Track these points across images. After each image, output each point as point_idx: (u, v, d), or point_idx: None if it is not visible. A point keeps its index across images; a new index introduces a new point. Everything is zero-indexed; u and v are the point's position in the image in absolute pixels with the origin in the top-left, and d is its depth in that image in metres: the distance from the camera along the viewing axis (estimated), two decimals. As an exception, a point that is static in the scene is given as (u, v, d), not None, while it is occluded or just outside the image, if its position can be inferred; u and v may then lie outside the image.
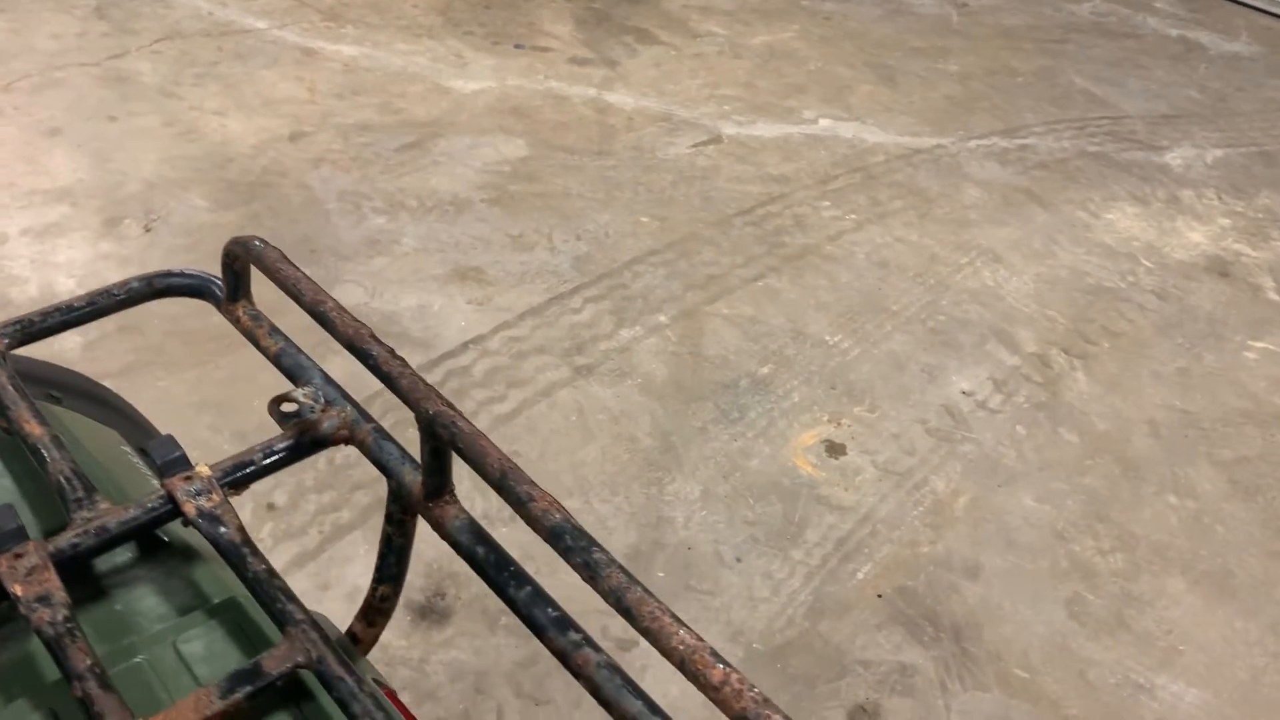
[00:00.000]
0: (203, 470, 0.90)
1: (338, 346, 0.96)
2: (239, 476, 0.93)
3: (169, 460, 0.91)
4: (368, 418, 1.02)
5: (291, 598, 0.82)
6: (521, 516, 0.82)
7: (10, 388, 0.96)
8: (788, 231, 3.59)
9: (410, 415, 0.88)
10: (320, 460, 2.45)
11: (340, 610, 2.12)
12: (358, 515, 2.35)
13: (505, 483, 0.82)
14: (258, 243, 1.07)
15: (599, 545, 0.79)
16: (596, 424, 2.69)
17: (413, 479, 0.95)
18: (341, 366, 1.16)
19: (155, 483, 1.04)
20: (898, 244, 3.58)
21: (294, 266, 1.04)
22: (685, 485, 2.55)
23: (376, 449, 0.98)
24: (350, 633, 1.13)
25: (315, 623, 0.81)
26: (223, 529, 0.86)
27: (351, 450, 1.20)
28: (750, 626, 2.24)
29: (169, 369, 2.66)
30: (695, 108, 4.31)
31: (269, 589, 0.82)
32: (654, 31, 4.96)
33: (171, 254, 3.07)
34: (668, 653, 0.73)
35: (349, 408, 1.02)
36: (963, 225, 3.71)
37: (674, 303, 3.17)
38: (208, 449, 2.40)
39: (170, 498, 0.87)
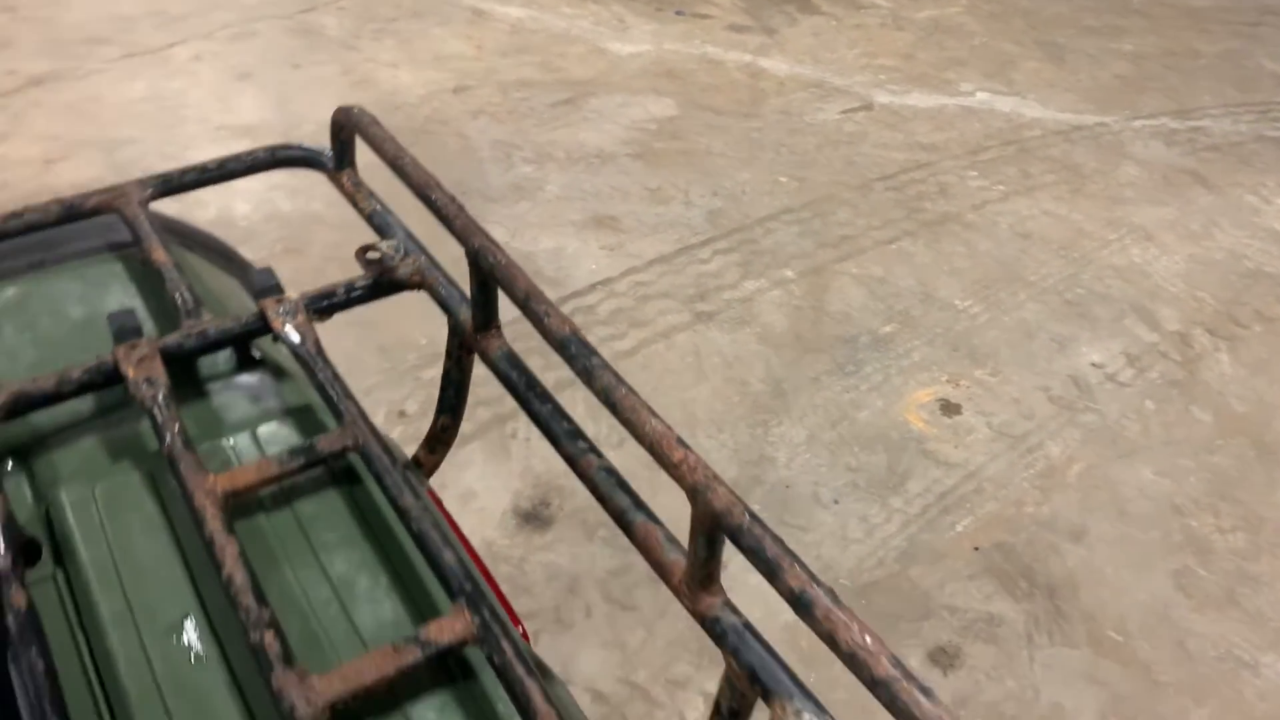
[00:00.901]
0: (292, 297, 1.04)
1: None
2: (323, 305, 1.06)
3: (265, 286, 1.06)
4: (437, 267, 1.13)
5: (351, 399, 0.95)
6: (538, 330, 0.92)
7: (146, 224, 1.13)
8: (929, 198, 3.56)
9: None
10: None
11: (456, 509, 2.29)
12: (478, 428, 2.50)
13: (529, 303, 0.92)
14: (357, 110, 1.21)
15: (598, 354, 0.88)
16: (710, 366, 2.76)
17: (467, 316, 1.06)
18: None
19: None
20: (1044, 217, 3.50)
21: (383, 129, 1.17)
22: (791, 429, 2.60)
23: (443, 292, 1.09)
24: (415, 458, 1.26)
25: (365, 416, 0.93)
26: (303, 343, 1.00)
27: (480, 371, 1.33)
28: (839, 564, 2.27)
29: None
30: (849, 76, 4.31)
31: (336, 395, 0.94)
32: (816, 2, 4.97)
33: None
34: (640, 438, 0.81)
35: (423, 258, 1.14)
36: (1116, 202, 3.59)
37: (803, 259, 3.20)
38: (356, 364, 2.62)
39: (263, 315, 1.01)
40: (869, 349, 2.88)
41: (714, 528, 0.74)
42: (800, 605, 0.69)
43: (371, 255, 1.12)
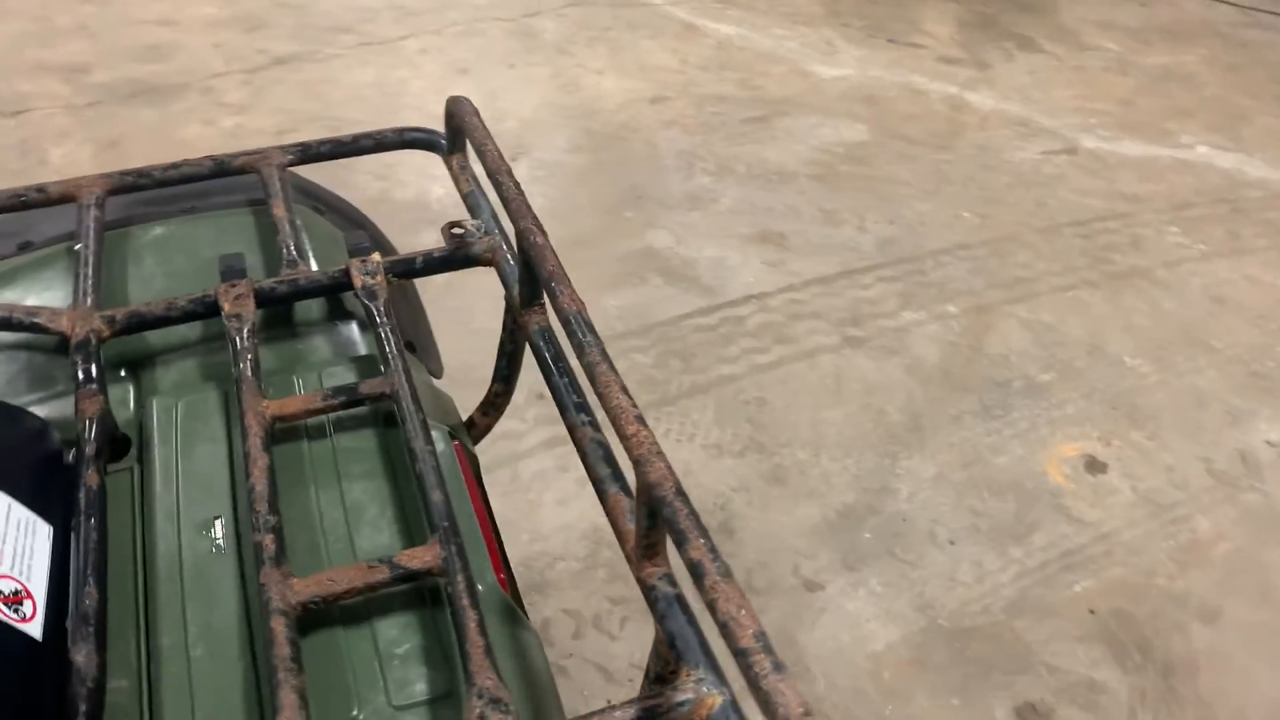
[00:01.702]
0: (375, 258, 1.16)
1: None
2: (401, 269, 1.18)
3: (355, 247, 1.19)
4: (510, 249, 1.23)
5: (402, 355, 1.05)
6: (552, 305, 1.00)
7: (277, 184, 1.28)
8: (1120, 250, 3.40)
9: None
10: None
11: (573, 494, 2.40)
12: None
13: (551, 281, 1.00)
14: (464, 100, 1.33)
15: (594, 333, 0.95)
16: (850, 391, 2.76)
17: (517, 293, 1.15)
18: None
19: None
20: (1244, 282, 3.28)
21: (480, 120, 1.28)
22: (920, 464, 2.56)
23: (506, 270, 1.19)
24: (470, 420, 1.36)
25: (409, 371, 1.04)
26: (376, 301, 1.12)
27: (617, 356, 1.42)
28: (942, 603, 2.23)
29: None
30: (1058, 117, 4.16)
31: (390, 348, 1.05)
32: (1039, 40, 4.81)
33: (525, 181, 3.50)
34: (607, 409, 0.88)
35: (499, 239, 1.24)
36: (1334, 274, 3.32)
37: (969, 296, 3.13)
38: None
39: (347, 272, 1.14)
40: (1021, 395, 2.79)
41: (650, 498, 0.79)
42: (695, 573, 0.74)
43: (456, 231, 1.23)
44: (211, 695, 0.81)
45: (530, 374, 2.72)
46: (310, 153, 1.37)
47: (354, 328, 1.21)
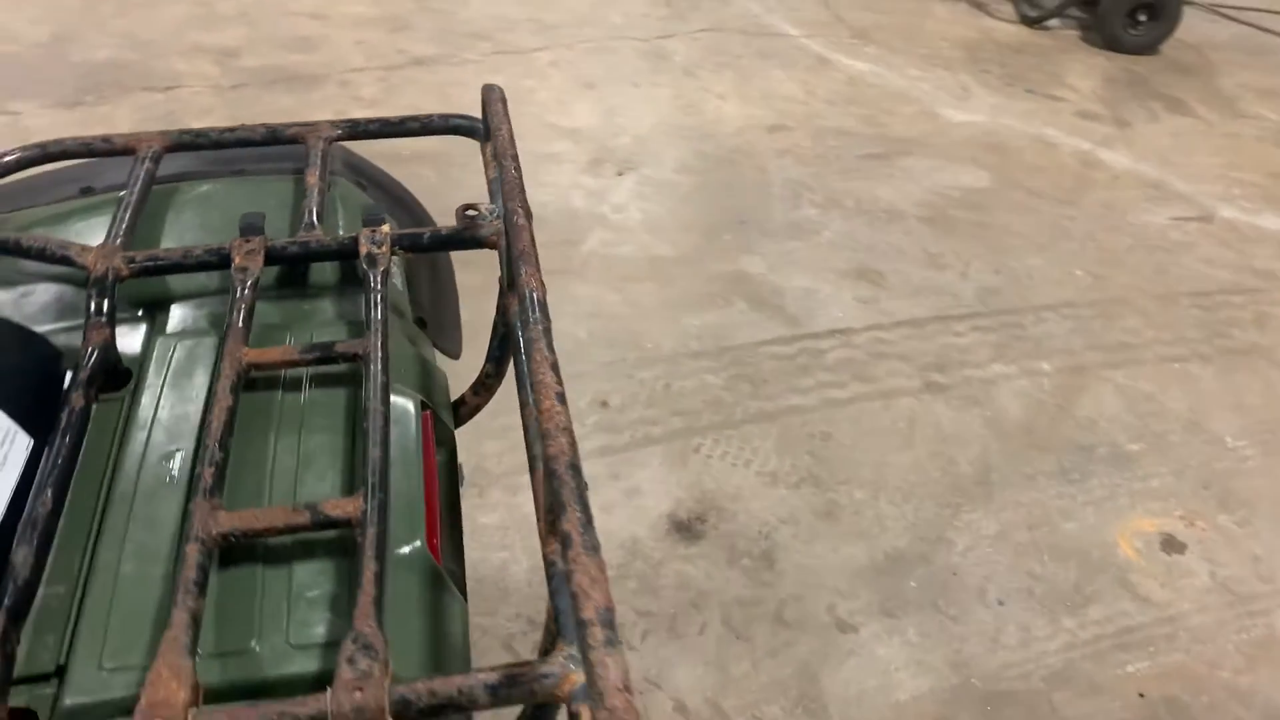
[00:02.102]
0: (384, 229, 1.20)
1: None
2: (409, 243, 1.22)
3: (369, 218, 1.23)
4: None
5: (384, 322, 1.08)
6: (514, 284, 1.01)
7: (318, 156, 1.34)
8: (1240, 325, 3.22)
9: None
10: (656, 379, 2.75)
11: (618, 503, 2.40)
12: (667, 434, 2.60)
13: (518, 259, 1.02)
14: (497, 89, 1.36)
15: (544, 314, 0.96)
16: (922, 437, 2.68)
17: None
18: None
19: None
20: (1377, 373, 3.05)
21: (505, 109, 1.32)
22: (982, 519, 2.47)
23: (506, 254, 1.21)
24: (461, 398, 1.38)
25: (386, 337, 1.06)
26: (375, 269, 1.15)
27: (688, 376, 1.40)
28: (979, 663, 2.14)
29: (583, 280, 3.13)
30: (1197, 184, 3.97)
31: (374, 314, 1.09)
32: (1190, 103, 4.61)
33: (630, 197, 3.55)
34: (533, 384, 0.88)
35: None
36: None
37: (1066, 355, 3.01)
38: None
39: (356, 240, 1.18)
40: (1104, 462, 2.66)
41: (548, 470, 0.79)
42: (564, 544, 0.73)
43: (470, 213, 1.26)
44: (128, 611, 0.85)
45: (594, 383, 2.73)
46: (358, 129, 1.43)
47: (351, 291, 1.26)
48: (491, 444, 2.51)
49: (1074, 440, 2.72)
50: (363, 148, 1.56)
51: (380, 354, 1.03)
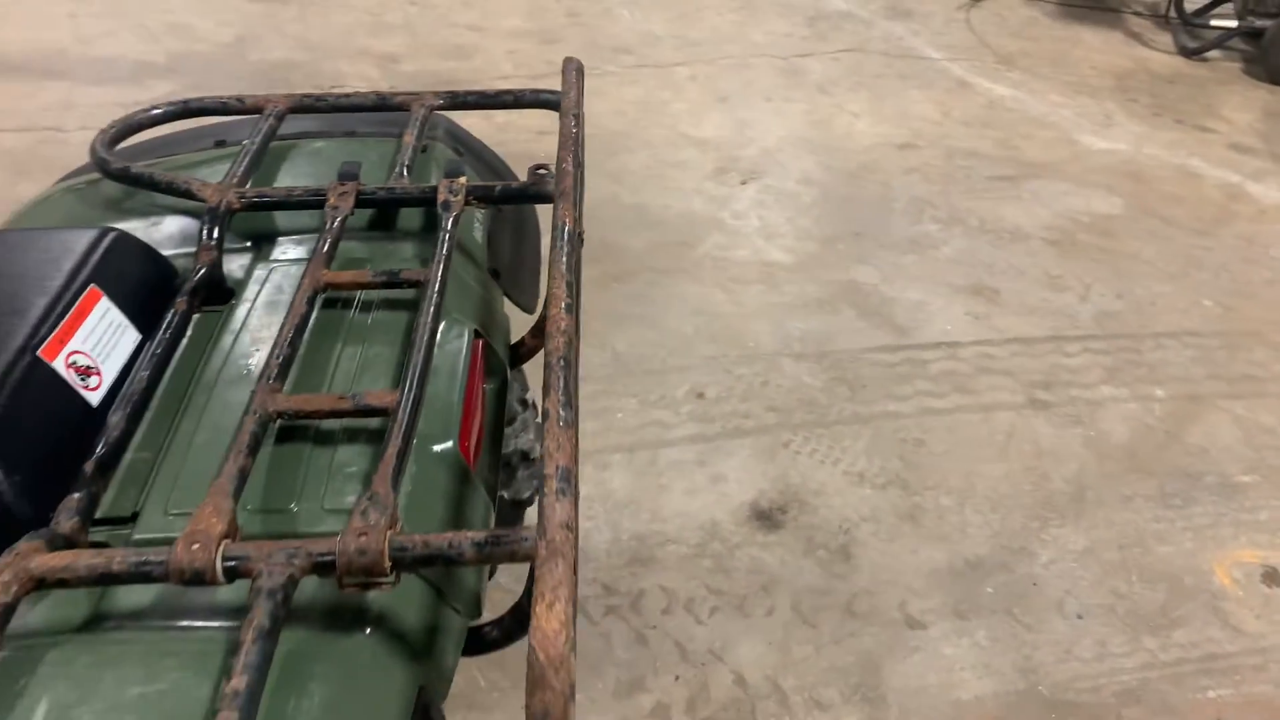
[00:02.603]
0: (461, 181, 1.34)
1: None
2: (481, 194, 1.35)
3: (450, 172, 1.37)
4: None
5: (449, 258, 1.21)
6: (554, 221, 1.12)
7: (417, 121, 1.49)
8: (1382, 366, 3.06)
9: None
10: (754, 375, 2.82)
11: (702, 487, 2.48)
12: (758, 426, 2.67)
13: (557, 201, 1.13)
14: (576, 62, 1.49)
15: (574, 243, 1.07)
16: (1017, 451, 2.66)
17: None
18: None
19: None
20: None
21: (581, 81, 1.44)
22: (1071, 535, 2.44)
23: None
24: (522, 340, 1.50)
25: (445, 271, 1.19)
26: (449, 213, 1.29)
27: (786, 375, 1.47)
28: (1048, 672, 2.12)
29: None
30: (1352, 221, 3.78)
31: (440, 251, 1.22)
32: (1358, 140, 4.38)
33: (750, 205, 3.63)
34: (548, 292, 0.98)
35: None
36: None
37: (1182, 383, 2.93)
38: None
39: (435, 189, 1.32)
40: (1210, 491, 2.59)
41: (546, 364, 0.89)
42: (545, 418, 0.83)
43: (540, 171, 1.38)
44: (195, 471, 0.99)
45: (692, 375, 2.83)
46: (458, 100, 1.57)
47: (430, 233, 1.39)
48: (591, 423, 2.63)
49: (1181, 467, 2.65)
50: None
51: (439, 283, 1.16)
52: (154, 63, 4.33)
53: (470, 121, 1.77)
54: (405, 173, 1.38)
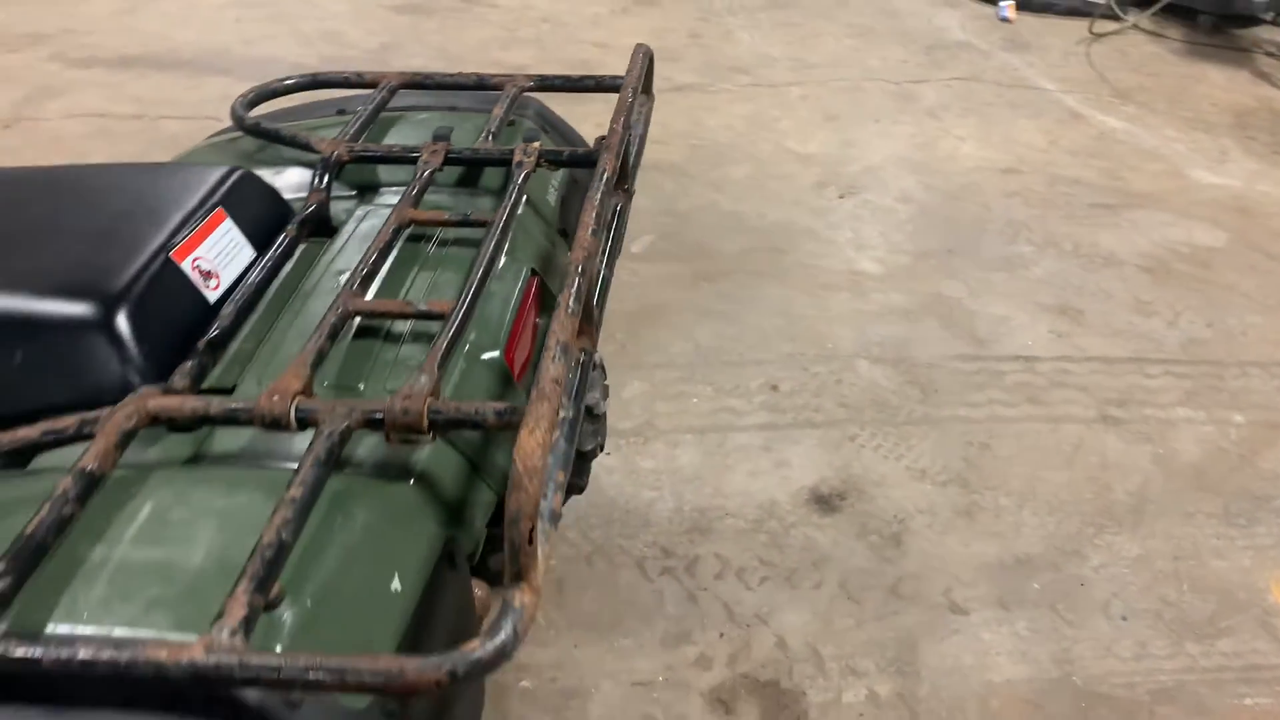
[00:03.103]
0: (534, 146, 1.54)
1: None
2: (550, 158, 1.55)
3: (527, 138, 1.58)
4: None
5: (513, 211, 1.41)
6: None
7: (506, 99, 1.71)
8: None
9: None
10: (829, 373, 2.95)
11: (765, 470, 2.62)
12: (827, 420, 2.79)
13: (601, 157, 1.31)
14: (646, 47, 1.68)
15: (607, 189, 1.25)
16: (1083, 463, 2.72)
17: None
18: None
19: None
20: None
21: (649, 69, 1.64)
22: (1125, 543, 2.48)
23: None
24: None
25: (510, 216, 1.39)
26: (521, 171, 1.49)
27: (861, 376, 1.63)
28: (1085, 665, 2.18)
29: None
30: None
31: (506, 201, 1.42)
32: None
33: (846, 217, 3.76)
34: (579, 222, 1.16)
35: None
36: None
37: (1264, 410, 2.93)
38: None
39: (510, 153, 1.53)
40: (1277, 514, 2.59)
41: (569, 271, 1.07)
42: (554, 307, 1.01)
43: (602, 139, 1.57)
44: (287, 355, 1.21)
45: (769, 369, 2.97)
46: (545, 83, 1.79)
47: (511, 183, 1.59)
48: (664, 405, 2.80)
49: (1249, 489, 2.66)
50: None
51: (502, 225, 1.35)
52: (306, 64, 4.72)
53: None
54: (490, 139, 1.59)
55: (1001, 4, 5.71)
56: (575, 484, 2.14)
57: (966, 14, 5.81)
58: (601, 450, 2.14)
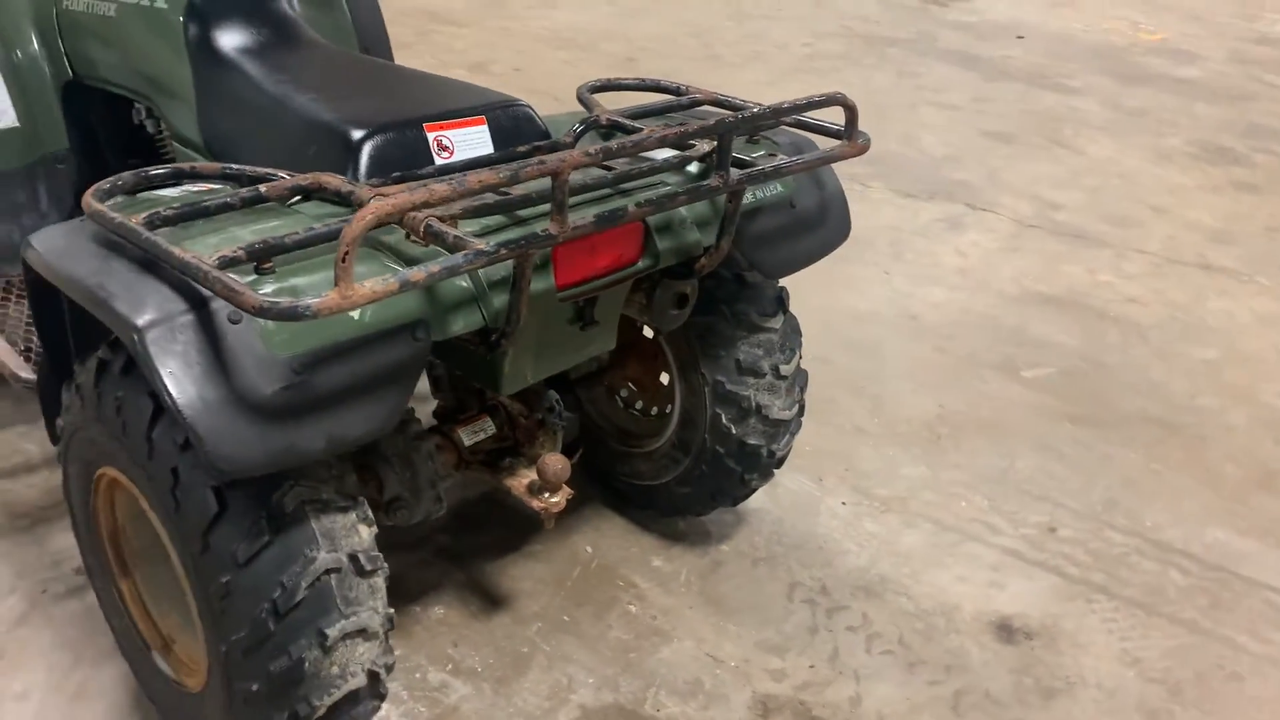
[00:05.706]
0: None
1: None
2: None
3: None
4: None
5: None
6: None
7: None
8: None
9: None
10: (1116, 544, 2.76)
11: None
12: (1080, 575, 2.65)
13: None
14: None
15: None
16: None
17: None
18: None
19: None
20: None
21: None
22: None
23: None
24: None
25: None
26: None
27: (1148, 564, 1.87)
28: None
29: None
30: None
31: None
32: None
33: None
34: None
35: None
36: None
37: None
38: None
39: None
40: None
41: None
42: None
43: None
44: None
45: (1058, 514, 2.94)
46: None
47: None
48: (931, 494, 2.90)
49: None
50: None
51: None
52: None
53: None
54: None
55: None
56: (743, 476, 2.42)
57: None
58: (773, 458, 2.40)
